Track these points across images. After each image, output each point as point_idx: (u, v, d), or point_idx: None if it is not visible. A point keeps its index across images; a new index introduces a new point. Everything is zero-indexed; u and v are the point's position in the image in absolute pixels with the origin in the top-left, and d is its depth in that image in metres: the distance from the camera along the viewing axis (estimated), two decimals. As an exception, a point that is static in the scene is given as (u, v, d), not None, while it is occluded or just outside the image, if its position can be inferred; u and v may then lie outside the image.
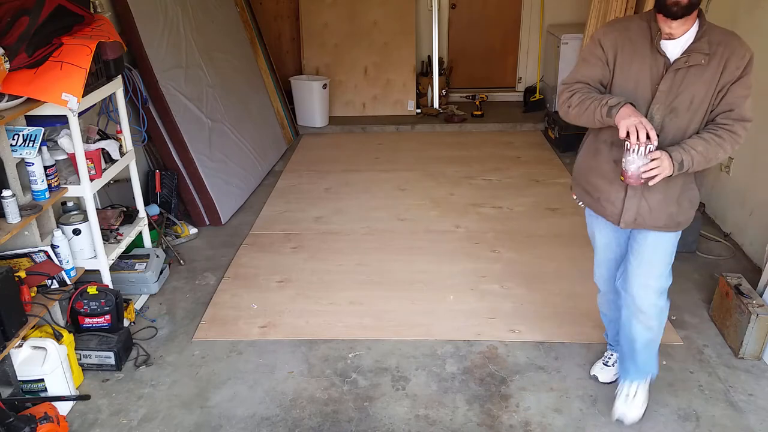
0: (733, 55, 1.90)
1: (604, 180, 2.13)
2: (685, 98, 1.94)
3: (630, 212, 2.10)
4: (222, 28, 4.93)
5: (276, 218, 4.26)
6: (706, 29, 1.92)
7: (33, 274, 2.50)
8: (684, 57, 1.90)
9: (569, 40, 5.75)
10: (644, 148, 1.83)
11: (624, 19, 2.09)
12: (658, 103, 1.96)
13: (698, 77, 1.92)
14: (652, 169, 1.85)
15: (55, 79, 2.47)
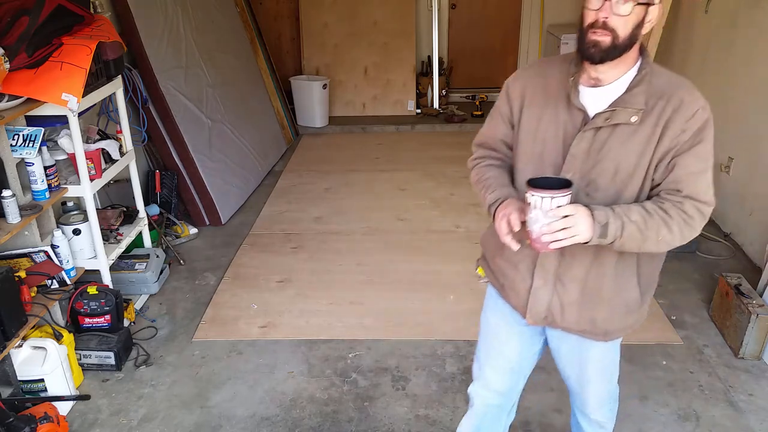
0: (679, 113, 1.36)
1: (509, 264, 1.62)
2: (606, 167, 1.41)
3: (539, 306, 1.58)
4: (222, 28, 4.92)
5: (276, 218, 4.26)
6: (647, 74, 1.40)
7: (33, 274, 2.50)
8: (607, 112, 1.39)
9: (569, 40, 5.75)
10: (549, 200, 1.30)
11: (547, 60, 1.60)
12: (570, 172, 1.43)
13: (626, 141, 1.39)
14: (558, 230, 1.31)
15: (55, 79, 2.47)
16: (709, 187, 1.41)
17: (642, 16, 1.33)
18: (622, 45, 1.33)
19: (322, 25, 6.39)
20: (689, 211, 1.38)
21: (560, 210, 1.32)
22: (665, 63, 4.67)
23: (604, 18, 1.32)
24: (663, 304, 3.15)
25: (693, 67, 4.40)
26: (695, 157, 1.38)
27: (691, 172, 1.38)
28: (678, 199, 1.38)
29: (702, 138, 1.37)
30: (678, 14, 4.52)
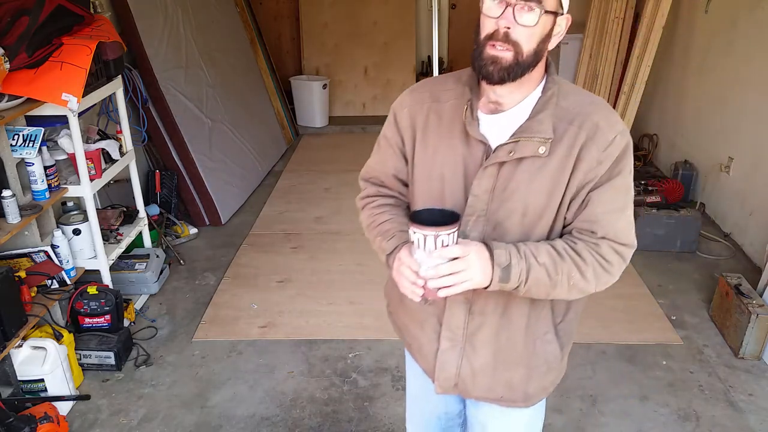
0: (594, 141, 1.15)
1: (414, 322, 1.41)
2: (513, 208, 1.19)
3: (446, 372, 1.36)
4: (222, 28, 4.93)
5: (276, 218, 4.26)
6: (554, 95, 1.18)
7: (33, 274, 2.50)
8: (510, 144, 1.16)
9: (569, 40, 5.74)
10: (432, 238, 1.09)
11: (438, 79, 1.33)
12: (473, 215, 1.21)
13: (534, 175, 1.17)
14: (445, 275, 1.11)
15: (55, 80, 2.47)
16: (629, 227, 1.22)
17: (549, 28, 1.13)
18: (525, 62, 1.12)
19: (322, 25, 6.39)
20: (606, 255, 1.18)
21: (447, 251, 1.10)
22: (665, 63, 4.69)
23: (505, 28, 1.09)
24: (663, 304, 3.15)
25: (693, 67, 4.41)
26: (613, 191, 1.17)
27: (608, 210, 1.17)
28: (593, 240, 1.18)
29: (620, 169, 1.17)
30: (678, 14, 4.52)
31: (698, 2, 4.30)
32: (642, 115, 4.82)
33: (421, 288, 1.14)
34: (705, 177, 4.12)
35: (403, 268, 1.16)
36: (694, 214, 3.67)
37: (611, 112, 1.20)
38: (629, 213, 1.22)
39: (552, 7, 1.11)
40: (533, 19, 1.08)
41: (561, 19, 1.14)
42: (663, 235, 3.62)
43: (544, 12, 1.09)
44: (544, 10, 1.09)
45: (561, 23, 1.15)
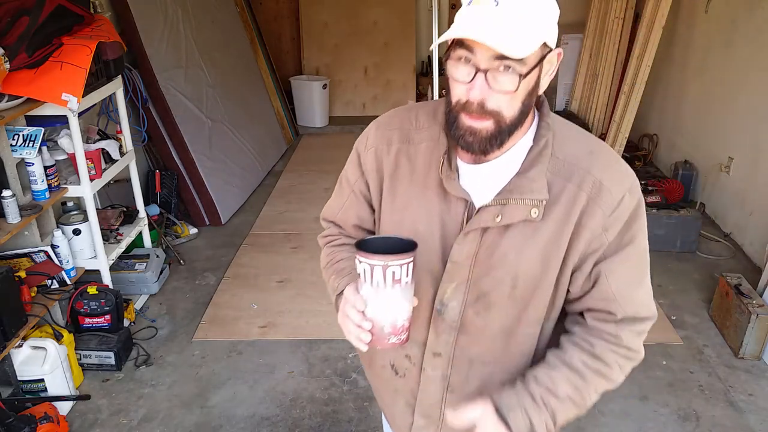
0: (598, 203, 0.97)
1: (386, 388, 1.24)
2: (501, 278, 1.02)
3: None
4: (222, 28, 4.92)
5: (276, 218, 4.26)
6: (548, 143, 0.99)
7: (33, 274, 2.50)
8: (496, 206, 0.98)
9: (569, 40, 5.75)
10: (381, 270, 0.92)
11: (410, 113, 1.10)
12: (452, 282, 1.04)
13: (526, 242, 1.00)
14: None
15: (55, 80, 2.47)
16: (649, 296, 1.04)
17: (537, 77, 0.93)
18: (512, 126, 0.94)
19: (322, 25, 6.39)
20: (630, 344, 1.03)
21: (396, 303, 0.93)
22: (665, 63, 4.69)
23: (479, 100, 0.90)
24: (663, 304, 3.15)
25: (693, 67, 4.41)
26: (628, 263, 1.00)
27: (624, 285, 1.00)
28: (612, 331, 1.02)
29: (633, 234, 0.99)
30: (678, 14, 4.52)
31: (698, 2, 4.29)
32: (642, 115, 4.81)
33: (368, 333, 0.96)
34: (705, 177, 4.12)
35: (348, 308, 0.98)
36: (694, 214, 3.67)
37: (616, 162, 1.00)
38: (647, 281, 1.05)
39: (536, 58, 0.90)
40: (512, 84, 0.89)
41: (553, 55, 0.93)
42: (663, 235, 3.62)
43: (532, 70, 0.89)
44: (529, 68, 0.89)
45: (552, 60, 0.94)
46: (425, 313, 1.08)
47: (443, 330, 1.08)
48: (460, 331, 1.08)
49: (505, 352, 1.09)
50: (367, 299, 0.95)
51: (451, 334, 1.08)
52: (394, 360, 1.17)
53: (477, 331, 1.07)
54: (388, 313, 0.95)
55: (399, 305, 0.95)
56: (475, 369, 1.10)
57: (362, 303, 0.96)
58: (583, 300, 1.05)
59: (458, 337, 1.08)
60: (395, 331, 0.96)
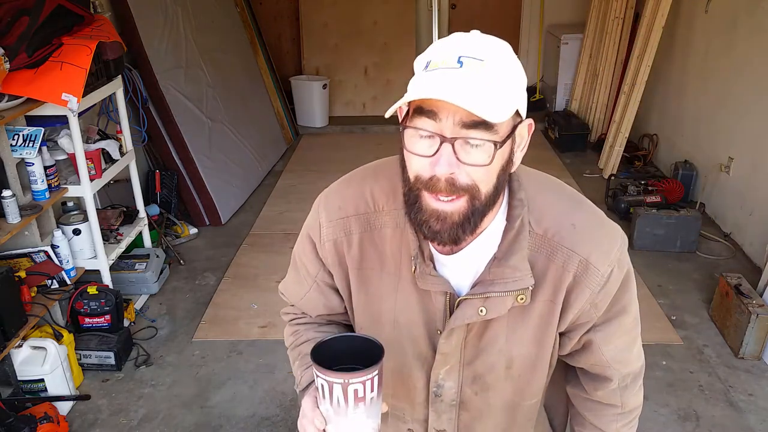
0: (584, 282, 0.91)
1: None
2: (494, 362, 0.98)
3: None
4: (222, 28, 4.92)
5: (276, 218, 4.26)
6: (524, 221, 0.90)
7: (33, 274, 2.49)
8: (478, 300, 0.90)
9: (569, 40, 5.76)
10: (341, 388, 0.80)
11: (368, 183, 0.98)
12: (446, 365, 0.99)
13: (515, 325, 0.94)
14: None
15: (55, 80, 2.47)
16: (640, 352, 1.05)
17: (510, 149, 0.83)
18: (486, 206, 0.83)
19: (322, 25, 6.38)
20: (635, 404, 1.08)
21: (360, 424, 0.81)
22: (665, 63, 4.69)
23: (447, 176, 0.78)
24: (663, 304, 3.15)
25: (693, 67, 4.41)
26: (618, 331, 0.97)
27: (617, 351, 0.99)
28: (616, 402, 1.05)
29: (624, 305, 0.96)
30: (678, 14, 4.52)
31: (698, 2, 4.29)
32: (642, 115, 4.82)
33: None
34: (705, 177, 4.12)
35: (305, 423, 0.86)
36: (694, 214, 3.67)
37: (600, 230, 0.92)
38: (638, 340, 1.04)
39: (509, 127, 0.80)
40: (486, 155, 0.78)
41: (522, 127, 0.85)
42: (663, 235, 3.62)
43: (506, 139, 0.79)
44: (502, 137, 0.79)
45: (523, 133, 0.85)
46: (422, 395, 1.04)
47: (443, 410, 1.04)
48: (461, 408, 1.04)
49: (511, 424, 1.07)
50: (327, 418, 0.83)
51: (452, 412, 1.04)
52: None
53: (478, 409, 1.03)
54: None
55: (364, 425, 0.82)
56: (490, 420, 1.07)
57: (322, 421, 0.84)
58: (575, 359, 1.03)
59: (460, 414, 1.04)
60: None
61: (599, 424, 1.08)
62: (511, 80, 0.80)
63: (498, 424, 1.06)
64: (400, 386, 1.04)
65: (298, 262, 1.06)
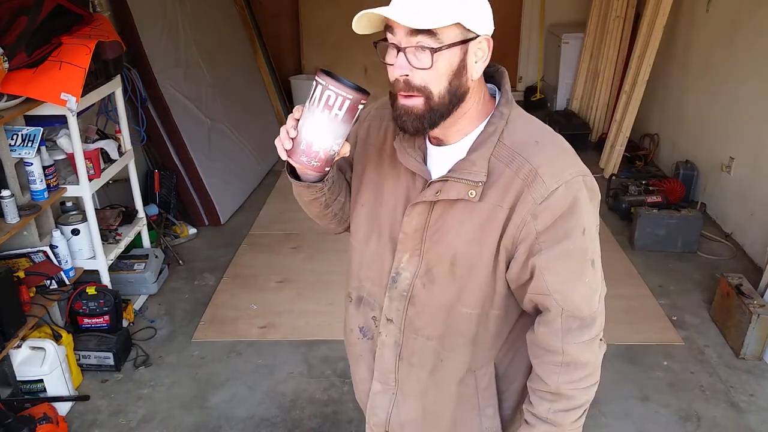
0: (530, 190, 0.98)
1: (351, 352, 1.30)
2: (442, 254, 1.07)
3: (377, 417, 1.26)
4: (221, 28, 4.92)
5: (275, 218, 4.25)
6: (496, 131, 1.02)
7: (32, 275, 2.49)
8: (439, 183, 1.03)
9: (570, 40, 5.74)
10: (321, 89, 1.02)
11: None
12: (406, 252, 1.10)
13: (464, 220, 1.03)
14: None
15: (54, 79, 2.46)
16: (590, 297, 1.04)
17: (459, 60, 0.97)
18: (441, 105, 0.98)
19: (321, 24, 6.38)
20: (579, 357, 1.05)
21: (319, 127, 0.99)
22: (666, 63, 4.68)
23: (403, 76, 0.98)
24: (664, 304, 3.14)
25: (694, 67, 4.40)
26: (562, 260, 1.00)
27: (560, 280, 1.01)
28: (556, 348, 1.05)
29: (568, 230, 0.99)
30: (679, 13, 4.51)
31: (699, 2, 4.29)
32: (643, 115, 4.81)
33: (290, 140, 1.00)
34: (706, 177, 4.11)
35: (288, 117, 1.03)
36: (695, 214, 3.66)
37: (562, 156, 1.01)
38: (590, 281, 1.04)
39: (454, 38, 0.95)
40: (426, 60, 0.94)
41: (476, 44, 0.98)
42: (664, 235, 3.61)
43: (445, 47, 0.94)
44: (442, 45, 0.94)
45: (480, 48, 0.99)
46: (385, 278, 1.15)
47: (395, 297, 1.14)
48: (409, 301, 1.13)
49: (445, 330, 1.13)
50: (303, 113, 1.01)
51: (402, 302, 1.13)
52: (363, 322, 1.23)
53: (422, 303, 1.12)
54: (309, 132, 0.99)
55: (321, 130, 0.99)
56: (419, 342, 1.15)
57: (299, 113, 1.01)
58: (525, 292, 1.06)
59: (408, 307, 1.13)
60: (308, 153, 1.00)
61: (542, 374, 1.08)
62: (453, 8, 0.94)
63: (435, 326, 1.13)
64: (376, 268, 1.17)
65: None
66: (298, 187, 1.12)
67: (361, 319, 1.23)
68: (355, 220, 1.22)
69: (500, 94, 1.07)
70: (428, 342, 1.14)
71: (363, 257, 1.20)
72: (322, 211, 1.21)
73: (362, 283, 1.21)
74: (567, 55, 5.78)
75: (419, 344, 1.15)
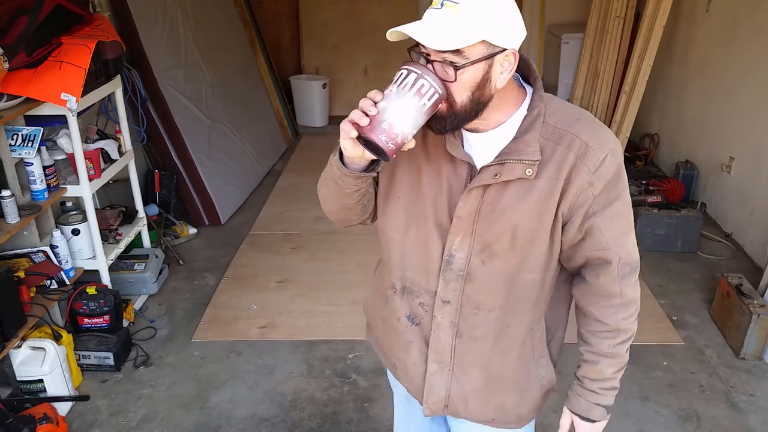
0: (584, 161, 1.10)
1: (399, 342, 1.33)
2: (501, 231, 1.15)
3: (436, 395, 1.31)
4: (221, 28, 4.92)
5: (276, 218, 4.25)
6: (540, 113, 1.11)
7: (32, 275, 2.49)
8: (495, 166, 1.11)
9: (570, 40, 5.74)
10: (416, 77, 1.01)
11: None
12: (459, 235, 1.17)
13: (522, 198, 1.12)
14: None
15: (54, 79, 2.46)
16: (635, 247, 1.22)
17: (485, 72, 1.03)
18: (463, 111, 1.06)
19: (321, 24, 6.38)
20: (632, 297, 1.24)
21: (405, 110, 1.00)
22: (666, 63, 4.68)
23: None
24: (664, 304, 3.14)
25: (694, 67, 4.40)
26: (616, 216, 1.15)
27: (616, 235, 1.16)
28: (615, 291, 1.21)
29: (618, 192, 1.14)
30: (679, 13, 4.51)
31: (699, 2, 4.29)
32: (643, 115, 4.81)
33: (368, 117, 1.01)
34: (706, 177, 4.11)
35: (361, 100, 1.04)
36: (695, 214, 3.66)
37: (601, 129, 1.14)
38: (633, 234, 1.22)
39: (479, 54, 1.01)
40: (451, 75, 1.02)
41: (502, 57, 1.03)
42: (664, 235, 3.61)
43: (468, 63, 1.00)
44: (466, 62, 1.00)
45: (506, 60, 1.04)
46: (436, 263, 1.20)
47: (451, 278, 1.19)
48: (466, 279, 1.19)
49: (507, 299, 1.21)
50: (386, 95, 1.02)
51: (458, 282, 1.19)
52: (410, 310, 1.28)
53: (482, 279, 1.19)
54: (395, 114, 1.01)
55: (407, 115, 1.01)
56: (481, 316, 1.22)
57: (380, 96, 1.04)
58: (579, 251, 1.18)
59: (465, 286, 1.19)
60: (390, 133, 1.01)
61: (602, 317, 1.22)
62: (479, 17, 1.00)
63: (496, 298, 1.21)
64: (419, 256, 1.22)
65: None
66: (347, 177, 1.13)
67: (407, 308, 1.29)
68: (391, 214, 1.24)
69: (532, 80, 1.15)
70: (490, 314, 1.22)
71: (404, 247, 1.24)
72: (357, 202, 1.22)
73: (405, 272, 1.26)
74: (567, 56, 5.77)
75: (481, 318, 1.23)
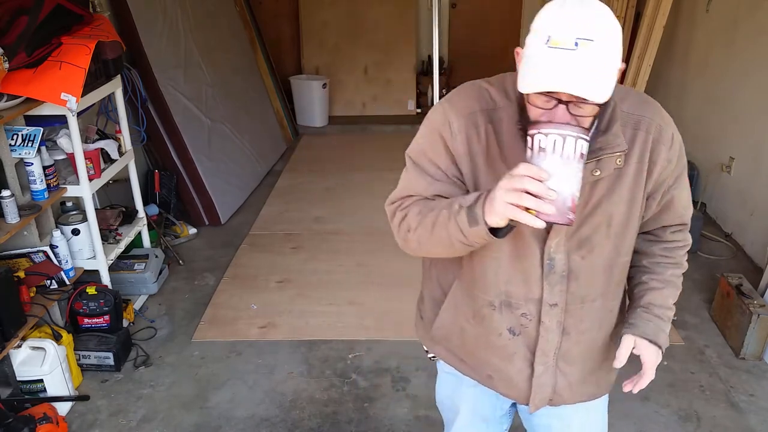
0: (660, 143, 1.18)
1: (499, 355, 1.33)
2: (598, 222, 1.18)
3: (542, 393, 1.35)
4: (221, 28, 4.92)
5: (276, 218, 4.25)
6: (615, 102, 1.12)
7: (32, 275, 2.49)
8: (591, 163, 1.10)
9: (569, 40, 5.74)
10: (573, 140, 0.94)
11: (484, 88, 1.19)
12: (556, 237, 1.17)
13: (613, 187, 1.16)
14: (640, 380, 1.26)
15: (54, 79, 2.46)
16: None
17: None
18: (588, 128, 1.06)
19: (321, 24, 6.38)
20: (690, 240, 1.35)
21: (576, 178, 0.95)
22: (666, 63, 4.68)
23: None
24: (664, 304, 3.14)
25: (694, 67, 4.40)
26: (684, 188, 1.26)
27: (686, 200, 1.28)
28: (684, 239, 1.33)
29: (683, 163, 1.24)
30: (679, 14, 4.51)
31: (699, 2, 4.29)
32: (642, 115, 4.80)
33: (551, 204, 0.93)
34: (706, 177, 4.11)
35: (526, 182, 0.94)
36: (695, 214, 3.64)
37: (659, 107, 1.23)
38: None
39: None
40: (592, 111, 1.02)
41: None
42: (663, 235, 3.60)
43: (606, 102, 1.00)
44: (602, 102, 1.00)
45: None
46: (537, 271, 1.21)
47: (556, 282, 1.22)
48: (569, 278, 1.22)
49: (607, 285, 1.27)
50: (552, 172, 0.93)
51: (563, 283, 1.22)
52: (510, 323, 1.29)
53: (584, 273, 1.23)
54: (572, 186, 0.95)
55: (578, 181, 0.97)
56: (585, 308, 1.27)
57: (547, 174, 0.95)
58: (657, 220, 1.28)
59: (569, 284, 1.23)
60: (573, 208, 0.95)
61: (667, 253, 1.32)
62: (614, 58, 1.00)
63: (598, 287, 1.26)
64: (516, 269, 1.22)
65: (423, 160, 1.21)
66: (482, 239, 1.08)
67: (508, 322, 1.29)
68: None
69: None
70: (593, 303, 1.27)
71: (500, 264, 1.23)
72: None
73: (503, 287, 1.25)
74: (567, 55, 5.77)
75: (586, 310, 1.27)
